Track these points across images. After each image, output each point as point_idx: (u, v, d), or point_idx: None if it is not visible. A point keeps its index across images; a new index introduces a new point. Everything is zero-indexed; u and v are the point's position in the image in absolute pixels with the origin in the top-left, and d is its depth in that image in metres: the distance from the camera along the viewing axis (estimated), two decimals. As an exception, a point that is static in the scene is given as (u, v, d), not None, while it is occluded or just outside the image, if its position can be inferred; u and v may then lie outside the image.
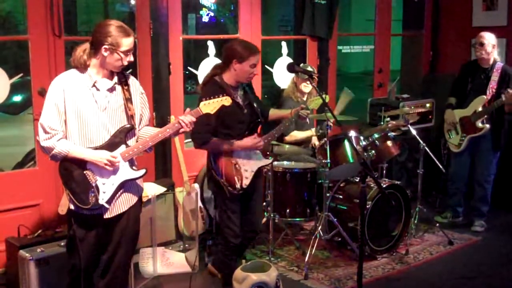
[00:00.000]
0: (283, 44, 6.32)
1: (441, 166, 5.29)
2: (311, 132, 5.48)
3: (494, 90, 5.38)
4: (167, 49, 5.19)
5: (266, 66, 6.21)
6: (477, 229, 5.61)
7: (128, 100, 3.31)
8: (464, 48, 6.97)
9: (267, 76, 6.25)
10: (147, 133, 3.40)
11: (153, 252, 4.59)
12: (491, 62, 5.46)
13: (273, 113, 4.30)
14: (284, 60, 6.20)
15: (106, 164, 3.18)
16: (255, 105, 4.06)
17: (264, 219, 5.04)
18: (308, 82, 5.29)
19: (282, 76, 6.09)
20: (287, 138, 5.35)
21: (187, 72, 5.92)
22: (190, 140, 4.43)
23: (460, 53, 7.04)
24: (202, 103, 3.38)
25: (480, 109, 5.40)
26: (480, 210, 5.69)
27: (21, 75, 4.62)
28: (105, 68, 3.24)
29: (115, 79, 3.30)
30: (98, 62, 3.22)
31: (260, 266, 3.88)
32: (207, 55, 5.65)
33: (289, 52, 6.32)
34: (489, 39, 5.41)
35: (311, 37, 6.30)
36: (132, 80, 3.41)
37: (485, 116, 5.39)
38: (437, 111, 6.49)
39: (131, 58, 3.24)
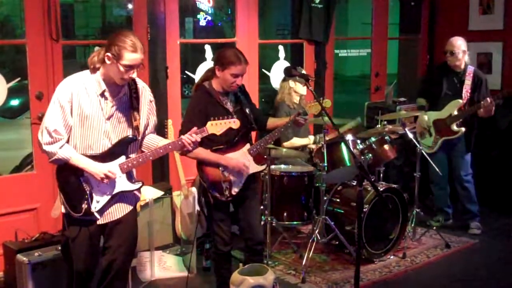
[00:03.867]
0: (280, 48, 6.33)
1: (438, 169, 5.32)
2: (309, 140, 5.46)
3: (468, 94, 5.48)
4: (165, 53, 5.20)
5: (263, 70, 6.23)
6: (474, 232, 5.63)
7: (135, 109, 3.26)
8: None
9: (264, 80, 6.26)
10: (152, 142, 3.37)
11: (151, 256, 4.59)
12: (463, 66, 5.56)
13: (271, 122, 4.17)
14: (281, 64, 6.22)
15: (102, 178, 3.16)
16: (247, 111, 3.95)
17: (262, 223, 5.05)
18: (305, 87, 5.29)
19: (279, 80, 6.09)
20: (285, 144, 5.32)
21: (184, 76, 5.94)
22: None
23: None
24: (209, 123, 3.33)
25: (455, 112, 5.47)
26: (471, 211, 5.72)
27: (18, 79, 4.63)
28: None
29: (125, 88, 3.26)
30: (106, 70, 3.18)
31: (257, 269, 3.87)
32: (205, 59, 5.66)
33: (286, 56, 6.34)
34: (459, 46, 5.50)
35: (308, 41, 6.32)
36: (142, 88, 3.35)
37: (460, 119, 5.46)
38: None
39: (133, 74, 3.15)
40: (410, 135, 5.15)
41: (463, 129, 5.47)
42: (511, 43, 6.63)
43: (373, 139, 5.11)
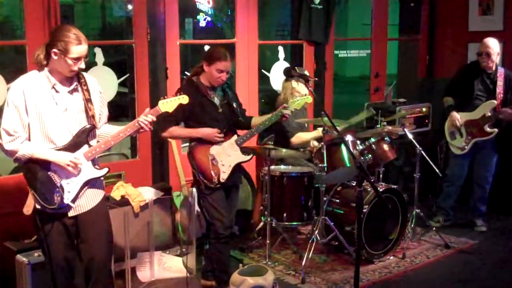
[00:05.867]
0: (280, 48, 6.33)
1: (437, 170, 5.31)
2: (318, 132, 5.44)
3: (502, 95, 5.46)
4: (164, 53, 5.21)
5: (263, 71, 6.23)
6: (481, 229, 5.69)
7: (88, 100, 3.36)
8: (461, 52, 6.99)
9: (264, 80, 6.26)
10: (107, 132, 3.47)
11: (150, 257, 4.59)
12: (494, 67, 5.51)
13: (257, 119, 4.38)
14: (281, 65, 6.22)
15: (69, 165, 3.23)
16: (234, 105, 4.25)
17: (261, 223, 5.06)
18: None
19: (279, 81, 6.10)
20: (294, 139, 5.32)
21: (184, 77, 5.93)
22: (187, 144, 4.48)
23: (456, 57, 7.06)
24: (160, 102, 3.50)
25: (489, 113, 5.44)
26: (480, 209, 5.77)
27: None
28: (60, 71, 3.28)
29: (75, 80, 3.35)
30: (53, 65, 3.26)
31: (257, 270, 3.88)
32: (204, 60, 5.65)
33: (286, 56, 6.34)
34: (494, 47, 5.43)
35: (308, 42, 6.32)
36: (90, 80, 3.45)
37: (494, 120, 5.42)
38: (433, 115, 6.50)
39: (82, 65, 3.26)
40: (410, 136, 5.16)
41: (496, 130, 5.44)
42: (511, 44, 6.63)
43: (372, 139, 5.12)
